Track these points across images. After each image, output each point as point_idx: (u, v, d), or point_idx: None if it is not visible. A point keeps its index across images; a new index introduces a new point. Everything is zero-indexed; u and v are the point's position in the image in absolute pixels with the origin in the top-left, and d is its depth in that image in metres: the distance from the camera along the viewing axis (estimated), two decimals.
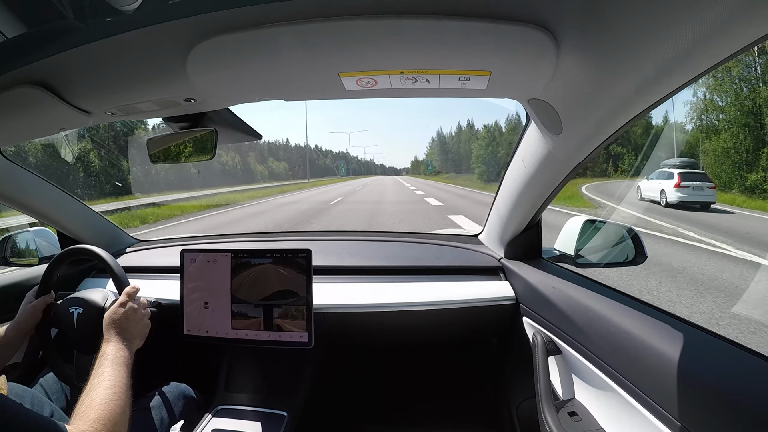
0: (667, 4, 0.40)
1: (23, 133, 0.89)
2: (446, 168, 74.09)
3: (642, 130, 30.42)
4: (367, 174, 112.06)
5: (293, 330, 1.05)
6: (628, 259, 1.05)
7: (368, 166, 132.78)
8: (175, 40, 0.55)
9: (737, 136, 16.41)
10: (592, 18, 0.47)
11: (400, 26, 0.50)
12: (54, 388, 1.04)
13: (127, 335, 0.86)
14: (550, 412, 0.83)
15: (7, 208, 1.23)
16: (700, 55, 0.44)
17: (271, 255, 1.07)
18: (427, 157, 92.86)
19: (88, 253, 1.04)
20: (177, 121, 0.86)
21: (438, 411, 1.45)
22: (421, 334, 1.25)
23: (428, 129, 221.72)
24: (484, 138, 49.73)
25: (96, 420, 0.64)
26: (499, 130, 50.45)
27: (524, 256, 1.19)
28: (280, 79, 0.65)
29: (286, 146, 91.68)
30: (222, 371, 1.22)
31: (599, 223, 1.09)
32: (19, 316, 0.96)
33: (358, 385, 1.55)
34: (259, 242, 1.55)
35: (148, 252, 1.50)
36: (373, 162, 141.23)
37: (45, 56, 0.59)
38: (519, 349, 1.13)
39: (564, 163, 0.82)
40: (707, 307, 3.35)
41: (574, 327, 0.84)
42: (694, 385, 0.55)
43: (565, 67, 0.56)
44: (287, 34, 0.52)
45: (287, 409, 1.11)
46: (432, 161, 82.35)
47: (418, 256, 1.35)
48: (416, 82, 0.62)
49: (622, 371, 0.69)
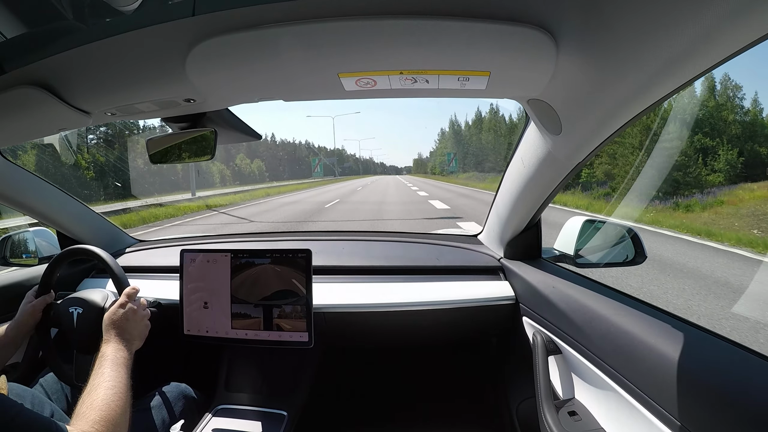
0: (667, 4, 0.40)
1: (22, 133, 0.89)
2: (464, 166, 57.76)
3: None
4: (365, 173, 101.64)
5: (293, 330, 1.05)
6: (628, 259, 1.05)
7: (366, 165, 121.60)
8: (174, 41, 0.55)
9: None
10: (591, 18, 0.47)
11: (399, 27, 0.50)
12: (54, 388, 1.04)
13: (126, 336, 0.86)
14: (550, 411, 0.83)
15: (7, 208, 1.23)
16: (699, 55, 0.44)
17: (271, 255, 1.08)
18: (437, 152, 76.09)
19: (87, 253, 1.04)
20: (177, 122, 0.86)
21: (438, 411, 1.45)
22: (421, 334, 1.25)
23: (428, 129, 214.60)
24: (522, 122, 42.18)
25: (96, 420, 0.64)
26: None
27: (524, 256, 1.19)
28: (280, 80, 0.65)
29: (268, 142, 79.62)
30: (222, 371, 1.22)
31: (599, 223, 1.09)
32: (19, 315, 0.96)
33: (358, 384, 1.55)
34: (258, 242, 1.55)
35: (148, 252, 1.50)
36: (372, 160, 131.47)
37: (45, 56, 0.59)
38: (519, 349, 1.13)
39: (564, 164, 0.82)
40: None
41: (574, 327, 0.84)
42: (694, 384, 0.55)
43: (564, 67, 0.56)
44: (287, 35, 0.52)
45: (287, 408, 1.11)
46: (455, 153, 61.87)
47: (418, 256, 1.35)
48: (416, 82, 0.62)
49: (622, 371, 0.69)
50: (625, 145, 19.51)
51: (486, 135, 54.93)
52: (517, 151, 0.96)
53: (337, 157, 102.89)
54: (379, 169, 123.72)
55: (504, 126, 53.43)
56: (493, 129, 54.64)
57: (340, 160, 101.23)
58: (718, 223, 9.38)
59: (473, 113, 69.39)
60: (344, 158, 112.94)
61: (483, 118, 58.57)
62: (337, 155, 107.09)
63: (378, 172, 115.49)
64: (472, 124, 61.47)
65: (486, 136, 54.90)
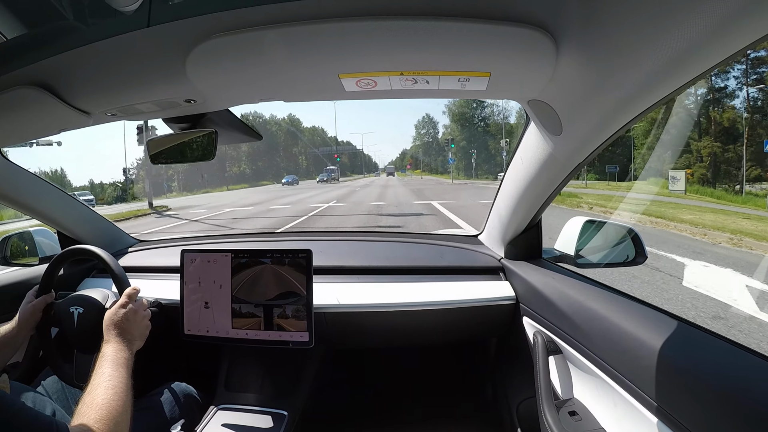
0: (666, 5, 0.40)
1: (23, 133, 0.89)
2: (465, 162, 43.51)
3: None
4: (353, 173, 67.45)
5: (293, 330, 1.05)
6: (629, 260, 1.05)
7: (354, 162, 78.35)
8: (175, 41, 0.55)
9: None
10: (591, 19, 0.47)
11: (400, 27, 0.50)
12: (55, 387, 1.04)
13: (127, 336, 0.86)
14: (550, 411, 0.83)
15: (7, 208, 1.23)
16: (700, 55, 0.44)
17: (271, 255, 1.08)
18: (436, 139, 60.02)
19: (88, 253, 1.04)
20: (177, 122, 0.86)
21: (438, 411, 1.45)
22: (421, 334, 1.25)
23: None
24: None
25: (97, 420, 0.64)
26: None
27: (524, 256, 1.19)
28: (280, 80, 0.65)
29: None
30: (222, 371, 1.22)
31: (599, 223, 1.09)
32: (20, 315, 0.96)
33: (358, 384, 1.55)
34: (259, 242, 1.55)
35: (149, 252, 1.50)
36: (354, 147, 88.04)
37: (45, 57, 0.59)
38: (519, 349, 1.13)
39: (564, 164, 0.82)
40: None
41: (574, 327, 0.84)
42: (694, 384, 0.56)
43: (564, 67, 0.56)
44: (287, 36, 0.52)
45: (287, 408, 1.11)
46: (457, 137, 49.01)
47: (418, 256, 1.35)
48: (416, 83, 0.62)
49: (622, 371, 0.69)
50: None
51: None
52: (518, 152, 0.95)
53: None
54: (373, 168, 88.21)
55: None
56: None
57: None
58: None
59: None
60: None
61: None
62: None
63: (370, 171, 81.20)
64: (477, 103, 48.09)
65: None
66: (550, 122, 0.71)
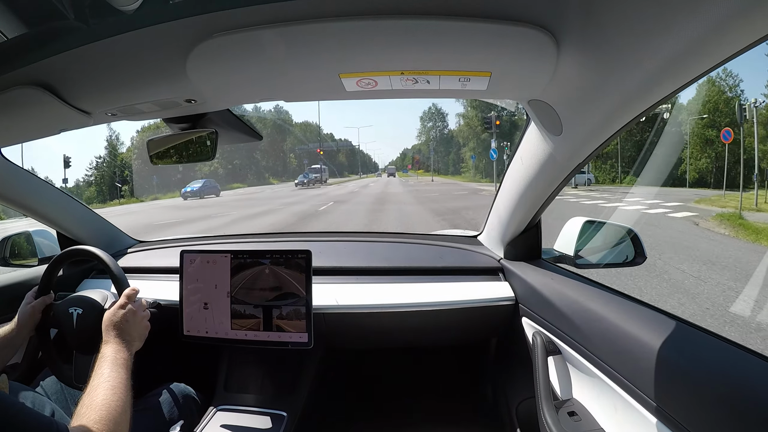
0: (666, 5, 0.40)
1: (23, 133, 0.89)
2: (486, 159, 31.82)
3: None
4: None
5: (293, 330, 1.05)
6: (628, 260, 1.05)
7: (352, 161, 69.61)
8: (175, 41, 0.55)
9: None
10: (592, 19, 0.47)
11: (400, 27, 0.50)
12: (54, 388, 1.04)
13: (126, 337, 0.86)
14: (549, 411, 0.83)
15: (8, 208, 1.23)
16: (700, 56, 0.44)
17: (271, 256, 1.07)
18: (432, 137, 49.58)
19: (87, 254, 1.04)
20: (177, 122, 0.86)
21: (438, 411, 1.45)
22: (420, 335, 1.25)
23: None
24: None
25: (97, 420, 0.63)
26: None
27: (524, 257, 1.19)
28: (281, 80, 0.65)
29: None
30: (222, 371, 1.22)
31: (599, 223, 1.09)
32: (19, 316, 0.96)
33: (357, 385, 1.55)
34: (258, 243, 1.55)
35: (148, 253, 1.50)
36: (351, 142, 73.29)
37: (45, 57, 0.59)
38: (518, 349, 1.13)
39: (564, 164, 0.82)
40: None
41: (574, 327, 0.84)
42: (694, 384, 0.56)
43: (565, 67, 0.56)
44: (288, 35, 0.52)
45: (287, 409, 1.11)
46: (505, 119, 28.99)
47: (418, 257, 1.35)
48: (416, 82, 0.62)
49: (622, 371, 0.69)
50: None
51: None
52: (518, 152, 0.96)
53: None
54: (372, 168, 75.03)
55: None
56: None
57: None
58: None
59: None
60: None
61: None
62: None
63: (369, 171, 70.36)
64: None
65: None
66: (551, 122, 0.71)
